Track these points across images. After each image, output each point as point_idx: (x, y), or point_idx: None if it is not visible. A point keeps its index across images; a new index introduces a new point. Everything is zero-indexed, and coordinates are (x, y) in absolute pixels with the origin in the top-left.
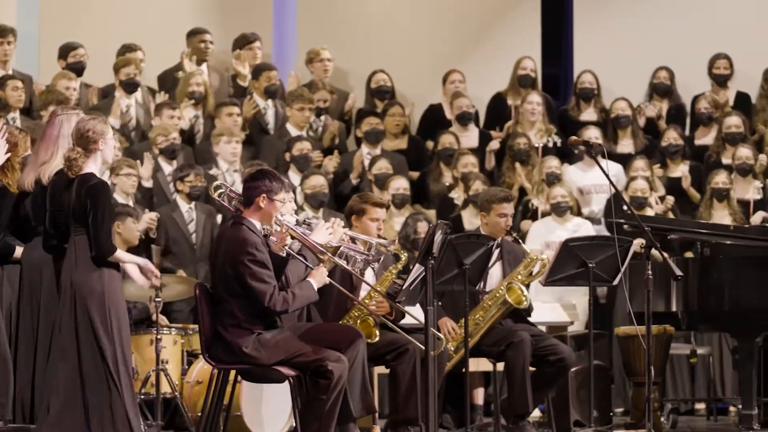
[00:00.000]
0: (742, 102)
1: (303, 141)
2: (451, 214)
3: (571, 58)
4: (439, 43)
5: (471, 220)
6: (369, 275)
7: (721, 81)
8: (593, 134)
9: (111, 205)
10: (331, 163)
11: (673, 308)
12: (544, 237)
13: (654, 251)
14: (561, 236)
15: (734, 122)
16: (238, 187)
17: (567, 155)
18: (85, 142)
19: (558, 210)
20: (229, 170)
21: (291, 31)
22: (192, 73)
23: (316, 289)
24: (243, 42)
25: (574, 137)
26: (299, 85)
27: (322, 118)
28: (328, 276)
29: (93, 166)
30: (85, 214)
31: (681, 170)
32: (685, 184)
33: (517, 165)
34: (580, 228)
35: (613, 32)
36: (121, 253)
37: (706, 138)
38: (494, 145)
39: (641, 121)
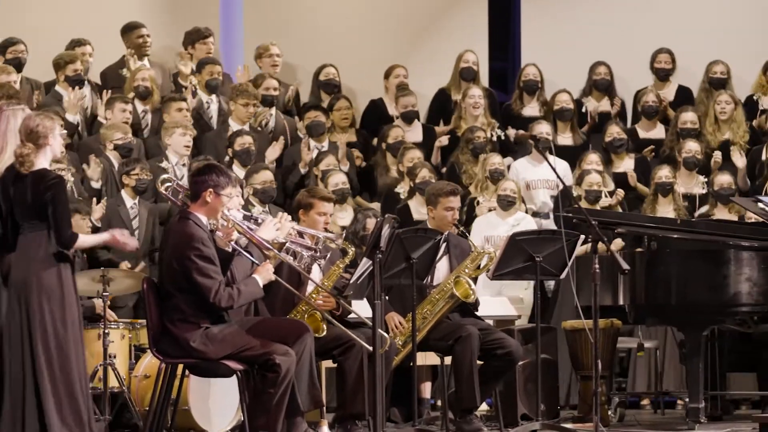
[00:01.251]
0: (684, 96)
1: (244, 135)
2: (396, 207)
3: (519, 52)
4: (387, 37)
5: (419, 209)
6: (316, 269)
7: (662, 76)
8: (544, 129)
9: (67, 198)
10: (274, 151)
11: (621, 302)
12: (485, 232)
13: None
14: (502, 232)
15: (690, 118)
16: (186, 182)
17: (510, 150)
18: (35, 137)
19: (504, 204)
20: (178, 164)
21: (238, 25)
22: (138, 69)
23: (261, 286)
24: (196, 36)
25: (521, 132)
26: (250, 78)
27: (273, 110)
28: (275, 270)
29: (44, 161)
30: (44, 208)
31: (626, 165)
32: (632, 181)
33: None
34: (521, 223)
35: (559, 26)
36: (84, 238)
37: (650, 132)
38: (443, 141)
39: (592, 116)
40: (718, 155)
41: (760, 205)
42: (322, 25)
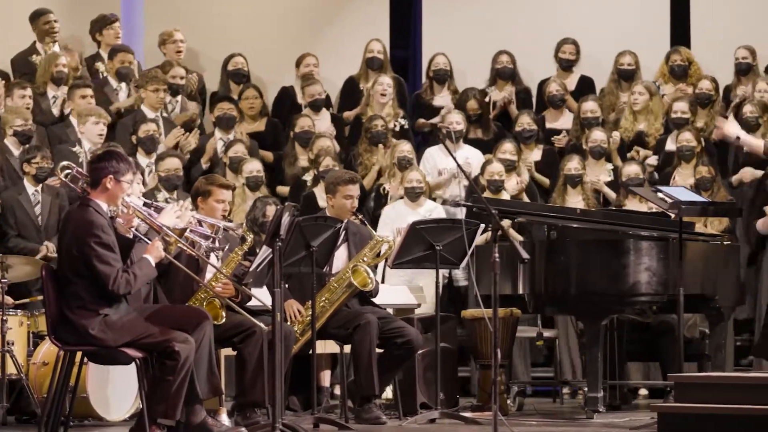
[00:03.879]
0: (586, 86)
1: (149, 123)
2: (302, 195)
3: (420, 41)
4: (293, 25)
5: (323, 195)
6: (214, 257)
7: (566, 66)
8: (455, 119)
9: None
10: (188, 143)
11: (520, 291)
12: (395, 222)
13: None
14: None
15: (590, 107)
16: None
17: (423, 138)
18: None
19: (412, 195)
20: (92, 150)
21: (138, 12)
22: (55, 54)
23: (153, 265)
24: (103, 23)
25: (422, 120)
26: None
27: (179, 97)
28: (175, 258)
29: None
30: None
31: (534, 155)
32: (531, 173)
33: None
34: (432, 212)
35: (461, 15)
36: None
37: (557, 122)
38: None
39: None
40: (616, 135)
41: (660, 195)
42: (226, 12)
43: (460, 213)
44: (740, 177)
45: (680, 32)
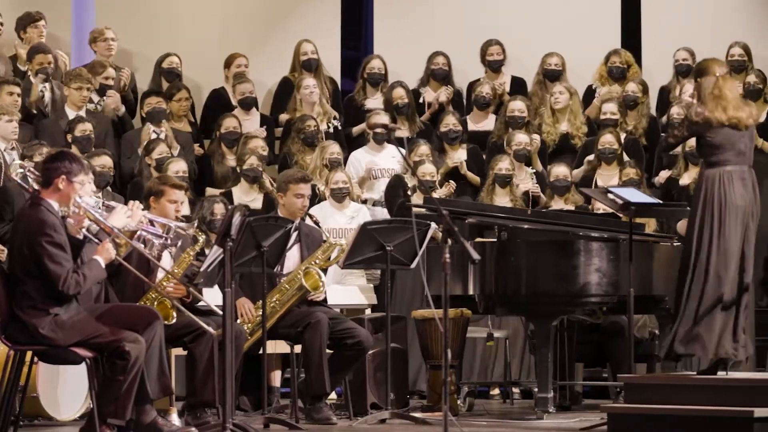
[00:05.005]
0: (518, 87)
1: (85, 122)
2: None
3: (371, 42)
4: (230, 26)
5: (242, 196)
6: (167, 257)
7: (495, 67)
8: (383, 120)
9: None
10: (113, 99)
11: (471, 291)
12: (321, 222)
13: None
14: (339, 222)
15: (518, 107)
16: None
17: (350, 140)
18: None
19: (337, 196)
20: (6, 149)
21: (89, 10)
22: None
23: (103, 266)
24: (28, 20)
25: (373, 120)
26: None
27: (106, 97)
28: (126, 257)
29: None
30: None
31: (458, 156)
32: (462, 169)
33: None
34: (358, 213)
35: (410, 16)
36: None
37: (482, 123)
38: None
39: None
40: (537, 138)
41: (610, 195)
42: (167, 12)
43: (381, 214)
44: (660, 179)
45: (630, 34)
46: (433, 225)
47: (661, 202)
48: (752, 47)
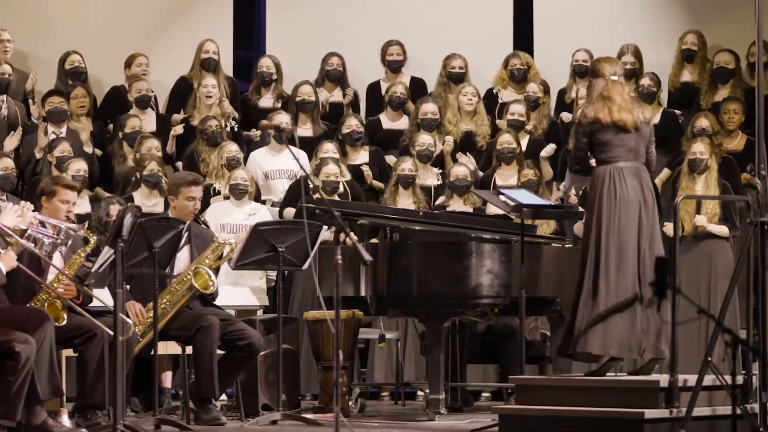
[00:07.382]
0: (418, 87)
1: None
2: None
3: (264, 42)
4: (129, 24)
5: (143, 201)
6: (57, 258)
7: (395, 67)
8: (283, 119)
9: None
10: (13, 141)
11: (363, 293)
12: (220, 219)
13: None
14: (237, 219)
15: (431, 109)
16: None
17: (246, 139)
18: None
19: (237, 193)
20: None
21: None
22: None
23: (4, 273)
24: None
25: (265, 121)
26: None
27: (4, 97)
28: (17, 259)
29: None
30: None
31: (361, 157)
32: (368, 180)
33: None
34: (257, 212)
35: (303, 16)
36: None
37: (395, 122)
38: (178, 130)
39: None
40: (450, 140)
41: (502, 197)
42: (62, 11)
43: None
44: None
45: (522, 36)
46: (325, 227)
47: (552, 203)
48: (643, 50)
